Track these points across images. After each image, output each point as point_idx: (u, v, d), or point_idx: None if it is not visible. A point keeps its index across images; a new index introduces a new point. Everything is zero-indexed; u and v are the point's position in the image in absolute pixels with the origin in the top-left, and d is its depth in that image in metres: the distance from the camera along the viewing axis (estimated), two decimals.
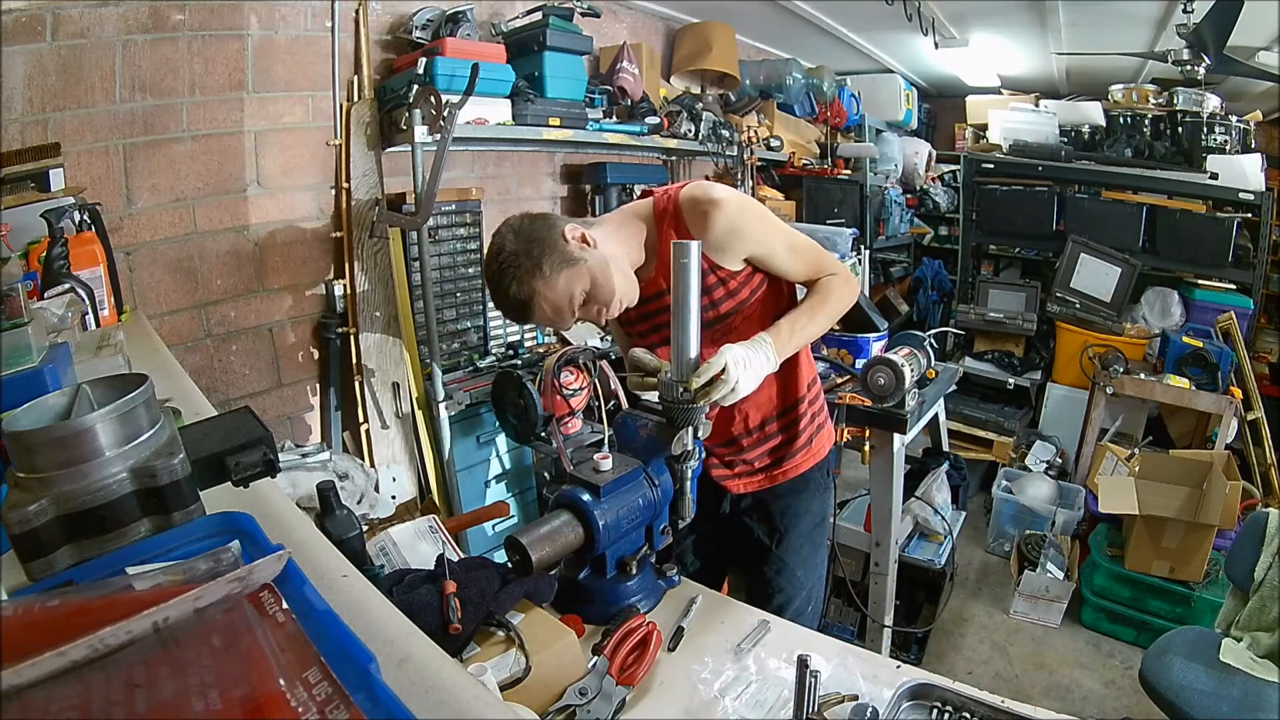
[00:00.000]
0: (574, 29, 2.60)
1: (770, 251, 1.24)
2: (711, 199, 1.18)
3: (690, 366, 1.08)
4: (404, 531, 1.22)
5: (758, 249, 1.23)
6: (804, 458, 1.42)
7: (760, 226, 1.23)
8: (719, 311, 1.26)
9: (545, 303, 1.12)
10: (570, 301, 1.14)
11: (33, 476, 0.61)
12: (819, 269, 1.29)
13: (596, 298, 1.16)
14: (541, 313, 1.14)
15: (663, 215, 1.24)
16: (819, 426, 1.44)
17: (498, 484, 2.57)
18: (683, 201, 1.21)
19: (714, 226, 1.18)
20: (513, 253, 1.11)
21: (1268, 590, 1.85)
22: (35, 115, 1.77)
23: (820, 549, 1.50)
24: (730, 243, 1.21)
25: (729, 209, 1.18)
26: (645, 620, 1.03)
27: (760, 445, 1.39)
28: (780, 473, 1.40)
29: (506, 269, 1.11)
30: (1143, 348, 3.51)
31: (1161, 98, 4.21)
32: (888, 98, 4.96)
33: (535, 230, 1.13)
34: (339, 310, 2.39)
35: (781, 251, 1.25)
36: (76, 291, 1.36)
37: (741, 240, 1.21)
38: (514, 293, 1.11)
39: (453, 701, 0.51)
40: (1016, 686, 2.38)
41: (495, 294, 1.16)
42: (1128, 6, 3.16)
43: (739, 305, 1.27)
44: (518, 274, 1.11)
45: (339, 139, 2.33)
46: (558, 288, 1.12)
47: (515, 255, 1.11)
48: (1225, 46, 3.04)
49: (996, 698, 0.89)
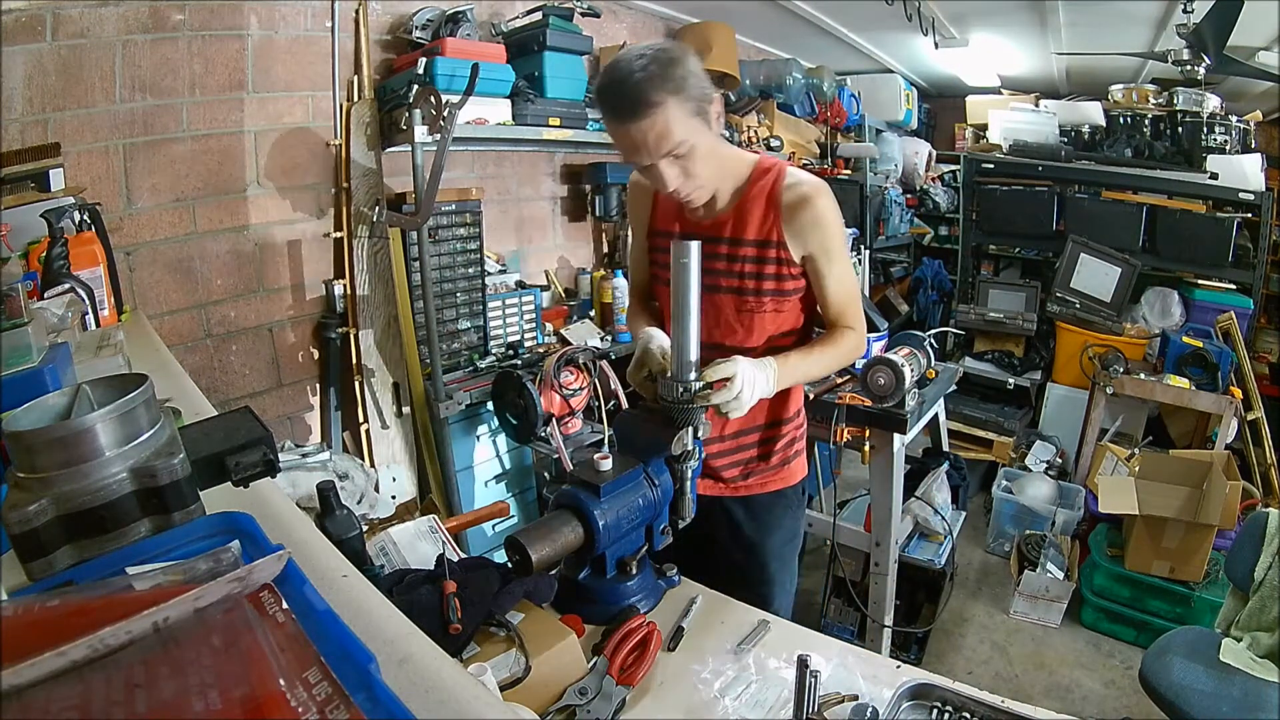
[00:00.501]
0: (574, 29, 2.60)
1: (829, 264, 1.24)
2: (815, 183, 1.21)
3: (690, 367, 1.08)
4: (404, 531, 1.21)
5: (821, 253, 1.23)
6: (773, 478, 1.40)
7: (838, 235, 1.24)
8: (760, 287, 1.25)
9: (662, 120, 1.05)
10: (680, 141, 1.07)
11: (33, 476, 0.61)
12: (847, 314, 1.29)
13: (691, 166, 1.12)
14: (649, 127, 1.05)
15: (763, 173, 1.23)
16: (796, 453, 1.43)
17: (498, 484, 2.57)
18: (788, 173, 1.23)
19: (807, 207, 1.19)
20: (661, 60, 1.05)
21: (1268, 590, 1.85)
22: (35, 115, 1.77)
23: (789, 569, 1.47)
24: (809, 232, 1.21)
25: (826, 200, 1.21)
26: (645, 620, 1.03)
27: (731, 455, 1.37)
28: (744, 486, 1.39)
29: (647, 66, 1.04)
30: (1143, 348, 3.51)
31: (1161, 98, 4.21)
32: (888, 98, 4.95)
33: (692, 65, 1.08)
34: (339, 310, 2.39)
35: (835, 271, 1.25)
36: (76, 291, 1.36)
37: (818, 235, 1.21)
38: (643, 88, 1.03)
39: (453, 701, 0.51)
40: (1016, 686, 2.38)
41: (615, 85, 1.06)
42: (1128, 6, 3.16)
43: (776, 292, 1.26)
44: (657, 78, 1.04)
45: (339, 139, 2.33)
46: (681, 119, 1.06)
47: (662, 63, 1.04)
48: (1225, 46, 3.04)
49: (996, 698, 0.89)
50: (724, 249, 1.25)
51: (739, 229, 1.24)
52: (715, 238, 1.24)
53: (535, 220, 3.08)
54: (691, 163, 1.11)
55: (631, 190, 1.40)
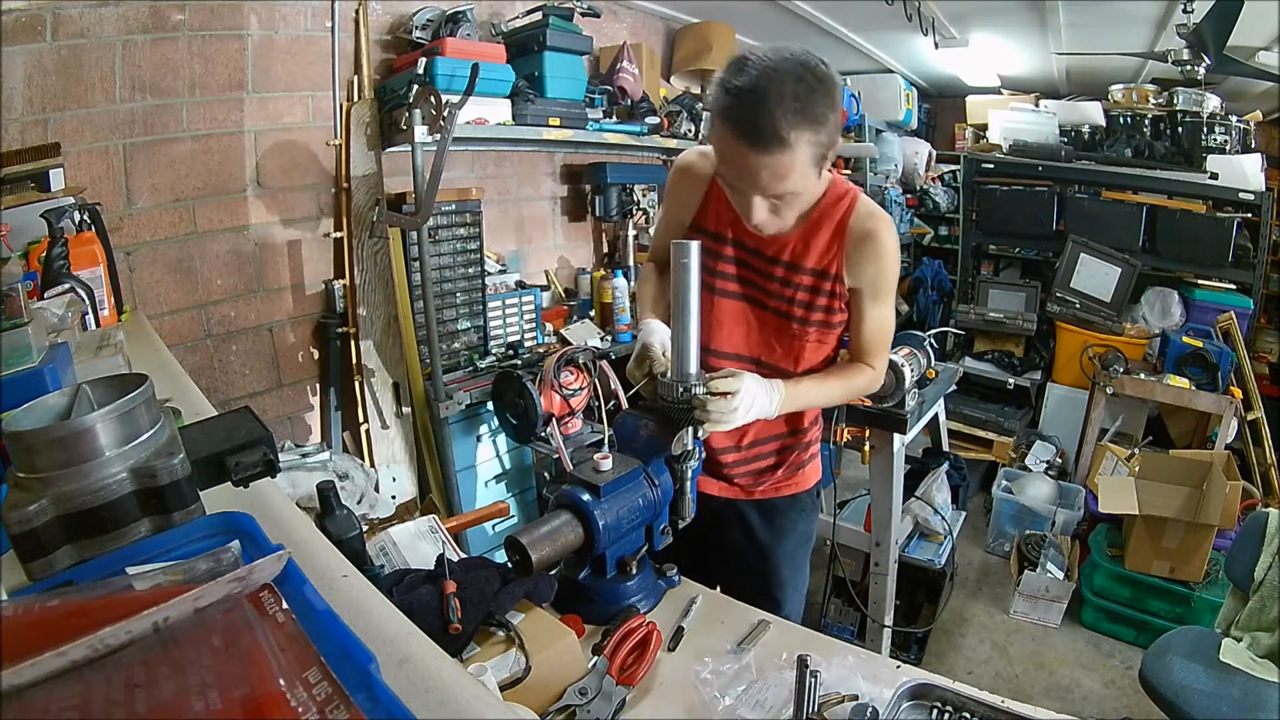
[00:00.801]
0: (574, 29, 2.60)
1: (873, 303, 1.21)
2: (885, 219, 1.17)
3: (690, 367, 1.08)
4: (404, 531, 1.21)
5: (870, 291, 1.19)
6: (788, 483, 1.40)
7: (891, 277, 1.20)
8: (808, 316, 1.21)
9: (787, 161, 0.97)
10: (792, 190, 1.02)
11: (33, 476, 0.61)
12: (873, 355, 1.26)
13: (784, 209, 1.06)
14: (770, 164, 0.97)
15: (836, 200, 1.17)
16: (811, 457, 1.43)
17: (498, 484, 2.57)
18: (860, 202, 1.18)
19: (872, 243, 1.15)
20: (815, 92, 0.94)
21: (1268, 590, 1.85)
22: (35, 115, 1.77)
23: (801, 572, 1.47)
24: (865, 266, 1.17)
25: (891, 239, 1.17)
26: (645, 620, 1.03)
27: (748, 464, 1.37)
28: (759, 490, 1.39)
29: (800, 96, 0.93)
30: (1143, 348, 3.51)
31: (1161, 98, 4.21)
32: (888, 98, 4.95)
33: (838, 103, 0.98)
34: (339, 310, 2.39)
35: (877, 312, 1.22)
36: (76, 291, 1.36)
37: (872, 272, 1.17)
38: (786, 122, 0.93)
39: (453, 701, 0.51)
40: (1016, 686, 2.38)
41: (755, 102, 0.93)
42: (1128, 6, 3.16)
43: (823, 324, 1.22)
44: (805, 115, 0.93)
45: (339, 139, 2.33)
46: (804, 165, 0.99)
47: (814, 97, 0.94)
48: (1225, 46, 3.04)
49: (996, 698, 0.89)
50: (780, 271, 1.20)
51: (800, 254, 1.18)
52: (773, 258, 1.20)
53: (535, 220, 3.08)
54: (786, 207, 1.07)
55: (683, 175, 1.28)
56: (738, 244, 1.22)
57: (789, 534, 1.41)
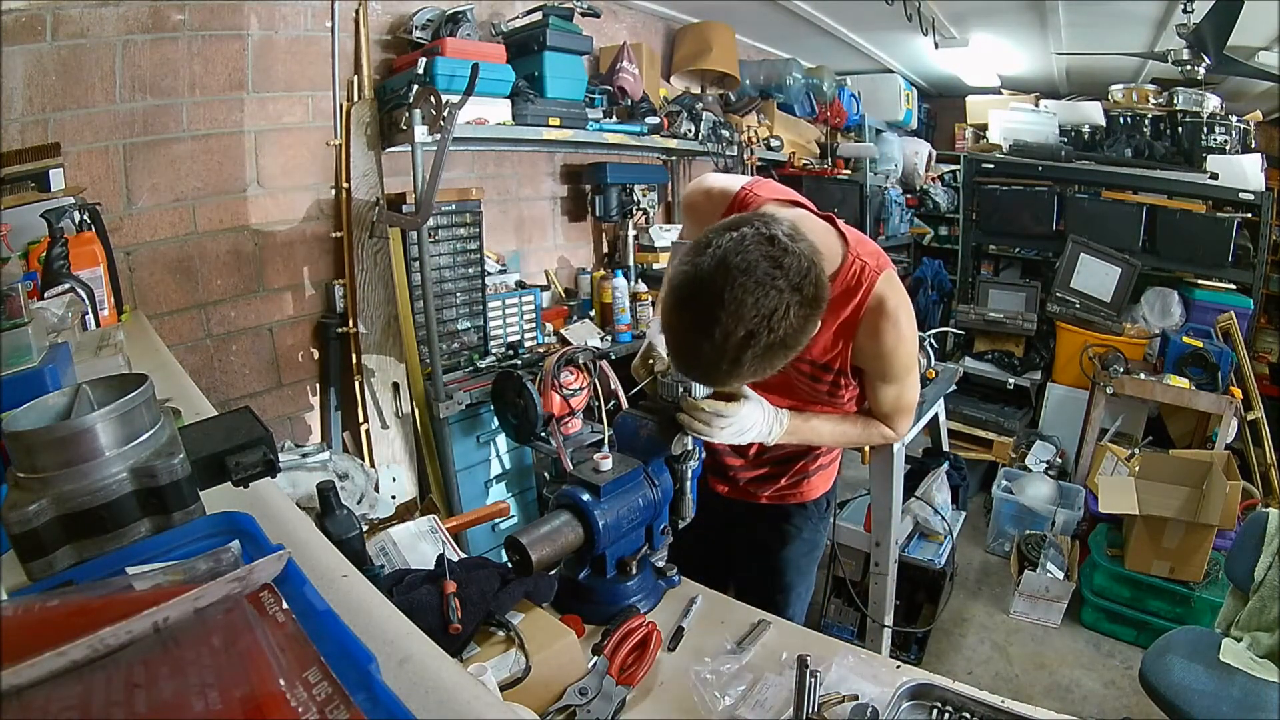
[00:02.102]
0: (574, 29, 2.60)
1: (885, 383, 1.16)
2: (898, 308, 1.07)
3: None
4: (404, 531, 1.21)
5: (879, 375, 1.15)
6: (796, 492, 1.39)
7: (906, 358, 1.13)
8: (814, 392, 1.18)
9: (735, 386, 0.95)
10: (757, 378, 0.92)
11: (33, 476, 0.61)
12: (892, 418, 1.22)
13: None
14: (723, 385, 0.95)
15: (848, 292, 1.07)
16: (819, 468, 1.40)
17: (498, 484, 2.57)
18: (873, 297, 1.07)
19: (880, 339, 1.08)
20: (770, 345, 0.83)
21: (1268, 590, 1.85)
22: (35, 115, 1.77)
23: (807, 579, 1.46)
24: (870, 358, 1.12)
25: (905, 324, 1.09)
26: (645, 620, 1.03)
27: (752, 471, 1.37)
28: (767, 498, 1.39)
29: (747, 349, 0.82)
30: (1143, 348, 3.51)
31: (1161, 98, 4.21)
32: (888, 98, 4.96)
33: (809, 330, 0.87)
34: (339, 310, 2.39)
35: (892, 391, 1.17)
36: (76, 291, 1.36)
37: (880, 365, 1.12)
38: (728, 374, 0.86)
39: (453, 701, 0.51)
40: (1016, 686, 2.38)
41: (697, 348, 0.84)
42: (1128, 6, 3.16)
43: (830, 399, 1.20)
44: (750, 366, 0.85)
45: (339, 139, 2.33)
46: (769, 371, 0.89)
47: (769, 349, 0.83)
48: (1225, 46, 3.04)
49: (996, 698, 0.89)
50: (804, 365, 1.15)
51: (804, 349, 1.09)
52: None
53: (535, 220, 3.08)
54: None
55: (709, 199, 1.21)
56: None
57: (794, 540, 1.40)
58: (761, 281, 0.81)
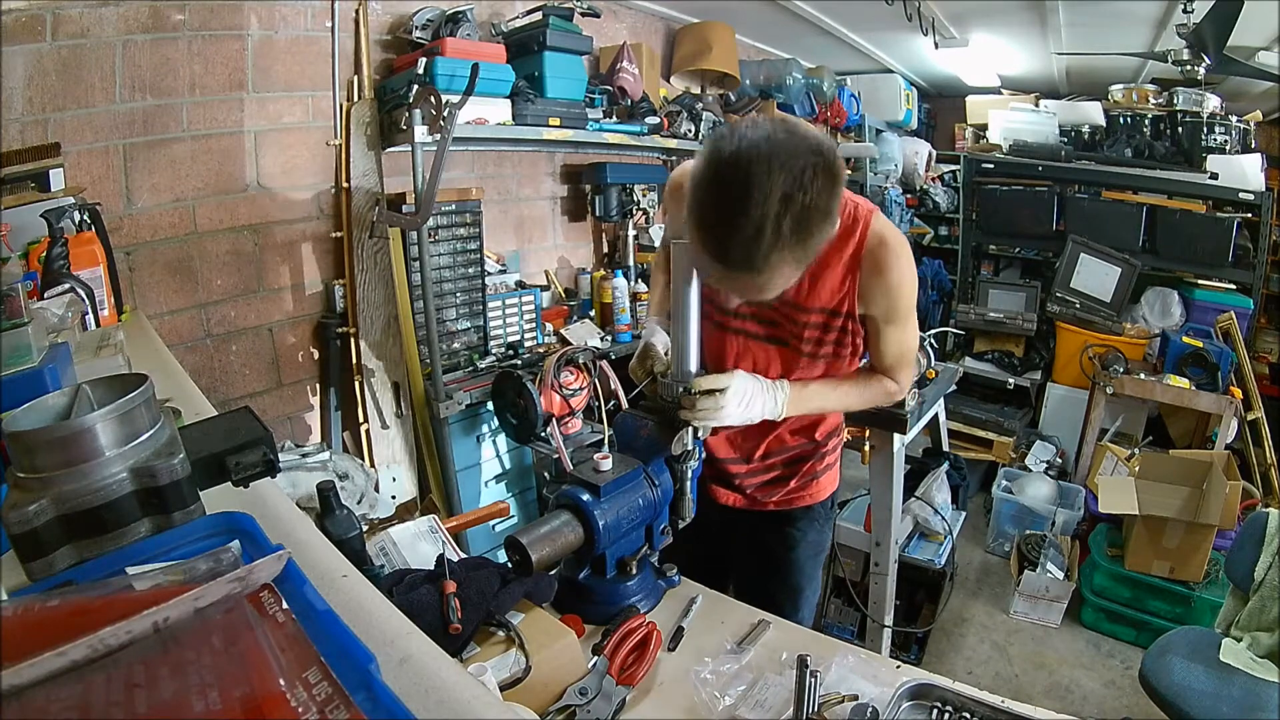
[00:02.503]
0: (574, 29, 2.60)
1: (888, 326, 1.14)
2: (898, 242, 1.08)
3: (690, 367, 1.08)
4: (404, 531, 1.21)
5: (884, 317, 1.13)
6: (801, 495, 1.37)
7: (908, 298, 1.12)
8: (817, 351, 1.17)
9: (766, 277, 0.88)
10: (781, 288, 0.92)
11: (33, 476, 0.61)
12: (895, 371, 1.21)
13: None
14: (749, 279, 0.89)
15: (846, 231, 1.07)
16: (826, 467, 1.39)
17: (498, 484, 2.57)
18: (873, 227, 1.08)
19: (885, 273, 1.07)
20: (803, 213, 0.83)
21: (1268, 590, 1.85)
22: (35, 115, 1.77)
23: (813, 582, 1.45)
24: (877, 296, 1.10)
25: (905, 263, 1.08)
26: (645, 620, 1.03)
27: (758, 476, 1.35)
28: (772, 502, 1.36)
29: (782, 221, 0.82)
30: (1143, 348, 3.51)
31: (1161, 98, 4.21)
32: (888, 98, 4.95)
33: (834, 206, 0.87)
34: (339, 310, 2.39)
35: (895, 334, 1.16)
36: (76, 291, 1.36)
37: (886, 302, 1.11)
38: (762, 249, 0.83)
39: (453, 701, 0.51)
40: (1016, 686, 2.38)
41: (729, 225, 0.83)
42: (1128, 6, 3.16)
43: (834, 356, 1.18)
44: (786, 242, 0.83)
45: (339, 139, 2.33)
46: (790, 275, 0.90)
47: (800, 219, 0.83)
48: (1225, 46, 3.04)
49: (996, 698, 0.89)
50: (786, 310, 1.15)
51: (807, 296, 1.12)
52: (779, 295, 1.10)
53: (535, 220, 3.08)
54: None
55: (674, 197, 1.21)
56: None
57: (800, 544, 1.39)
58: (784, 146, 0.83)
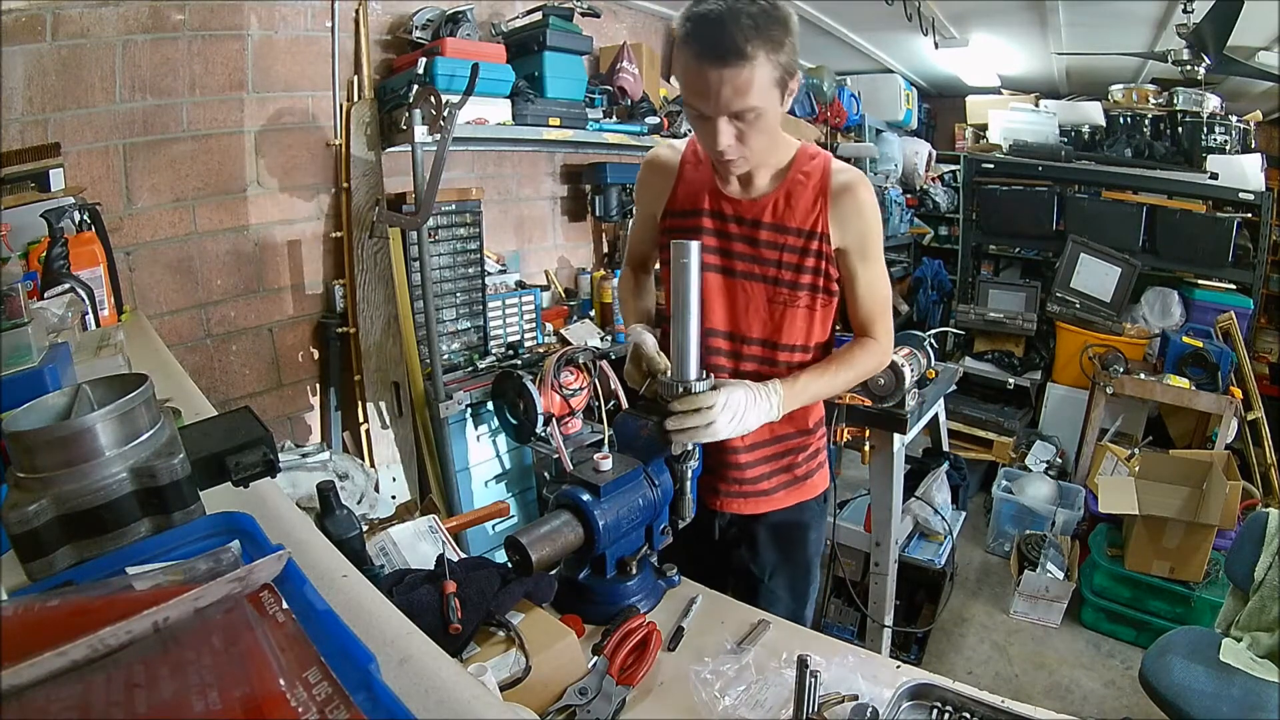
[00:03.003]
0: (574, 29, 2.60)
1: (863, 262, 1.19)
2: (861, 176, 1.18)
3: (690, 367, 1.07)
4: (404, 531, 1.21)
5: (858, 249, 1.18)
6: (794, 492, 1.35)
7: (876, 234, 1.19)
8: (797, 280, 1.19)
9: (747, 75, 0.98)
10: (754, 106, 1.01)
11: (33, 476, 0.61)
12: (875, 323, 1.24)
13: (749, 134, 1.05)
14: (731, 77, 0.98)
15: (809, 159, 1.18)
16: (819, 465, 1.39)
17: (498, 484, 2.57)
18: (834, 162, 1.18)
19: (852, 197, 1.15)
20: (770, 13, 0.98)
21: (1268, 590, 1.85)
22: (35, 115, 1.77)
23: (812, 580, 1.44)
24: (850, 222, 1.16)
25: (870, 194, 1.17)
26: (645, 620, 1.03)
27: (750, 470, 1.32)
28: (765, 502, 1.34)
29: (755, 15, 0.96)
30: (1143, 348, 3.51)
31: (1161, 98, 4.21)
32: (888, 98, 4.95)
33: (794, 29, 1.02)
34: (339, 310, 2.39)
35: (869, 273, 1.20)
36: (76, 291, 1.36)
37: (858, 227, 1.16)
38: (744, 34, 0.95)
39: (453, 701, 0.51)
40: (1016, 686, 2.38)
41: (714, 20, 0.97)
42: (1128, 6, 3.16)
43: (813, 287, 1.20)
44: (762, 30, 0.97)
45: (339, 139, 2.33)
46: (765, 82, 1.00)
47: (770, 17, 0.98)
48: (1225, 46, 3.04)
49: (996, 698, 0.89)
50: (764, 234, 1.18)
51: (783, 214, 1.17)
52: (755, 220, 1.18)
53: (535, 220, 3.08)
54: (752, 131, 1.05)
55: (651, 166, 1.31)
56: (715, 214, 1.20)
57: (800, 547, 1.38)
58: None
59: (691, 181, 1.22)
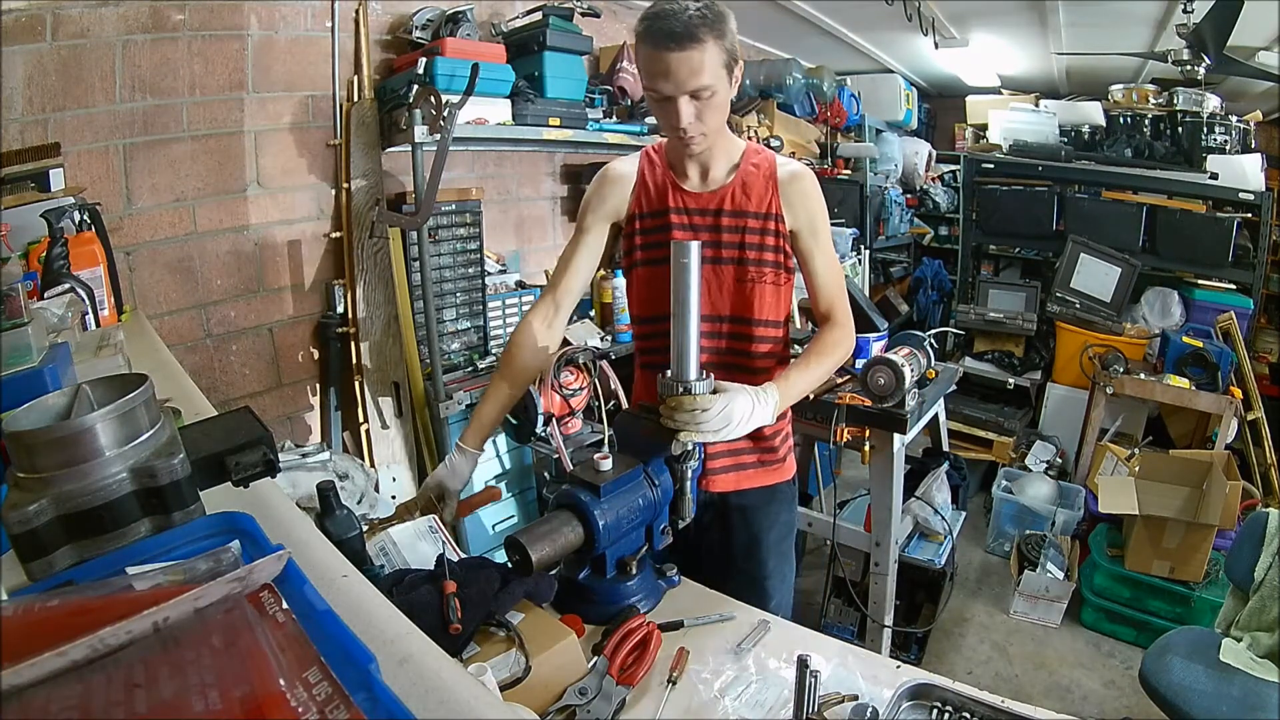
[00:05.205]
0: (574, 29, 2.60)
1: (815, 242, 1.30)
2: (805, 167, 1.32)
3: (690, 367, 1.07)
4: (404, 531, 1.21)
5: (809, 230, 1.30)
6: (766, 473, 1.40)
7: (824, 216, 1.32)
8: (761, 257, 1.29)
9: (699, 57, 1.12)
10: (708, 85, 1.14)
11: (33, 476, 0.61)
12: (836, 307, 1.33)
13: (706, 113, 1.18)
14: (686, 60, 1.12)
15: (756, 153, 1.31)
16: (787, 451, 1.45)
17: (497, 484, 2.57)
18: (778, 156, 1.33)
19: (799, 183, 1.28)
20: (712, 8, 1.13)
21: (1268, 590, 1.85)
22: (35, 115, 1.77)
23: (788, 561, 1.48)
24: (799, 205, 1.28)
25: (815, 182, 1.31)
26: (645, 620, 1.03)
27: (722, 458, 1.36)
28: (735, 481, 1.38)
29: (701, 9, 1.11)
30: (1143, 348, 3.51)
31: (1161, 98, 4.21)
32: (888, 98, 4.96)
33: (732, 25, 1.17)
34: (339, 310, 2.39)
35: (822, 255, 1.32)
36: (76, 291, 1.36)
37: (808, 209, 1.29)
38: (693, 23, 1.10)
39: (453, 701, 0.51)
40: (1016, 686, 2.38)
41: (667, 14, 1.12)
42: (1128, 6, 3.17)
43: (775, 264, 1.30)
44: (707, 20, 1.11)
45: (339, 139, 2.33)
46: (715, 64, 1.13)
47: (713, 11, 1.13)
48: (1225, 46, 3.04)
49: (996, 698, 0.89)
50: (726, 220, 1.29)
51: (741, 202, 1.29)
52: (717, 210, 1.29)
53: (535, 220, 3.08)
54: (708, 110, 1.17)
55: (606, 181, 1.39)
56: (680, 210, 1.31)
57: (772, 528, 1.42)
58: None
59: (652, 185, 1.33)
